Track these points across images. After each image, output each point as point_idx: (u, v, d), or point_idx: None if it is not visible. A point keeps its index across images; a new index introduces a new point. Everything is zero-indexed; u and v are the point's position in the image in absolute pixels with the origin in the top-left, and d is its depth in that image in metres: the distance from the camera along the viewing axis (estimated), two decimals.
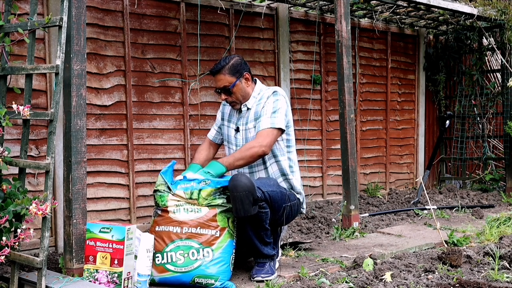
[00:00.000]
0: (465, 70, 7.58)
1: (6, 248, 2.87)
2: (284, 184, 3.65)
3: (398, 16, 6.86)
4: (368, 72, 6.88)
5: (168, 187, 3.42)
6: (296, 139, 6.01)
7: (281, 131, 3.59)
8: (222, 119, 3.84)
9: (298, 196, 3.69)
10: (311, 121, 6.23)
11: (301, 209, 3.78)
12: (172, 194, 3.40)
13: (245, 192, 3.21)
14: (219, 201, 3.34)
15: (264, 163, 3.63)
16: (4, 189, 3.09)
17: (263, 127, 3.51)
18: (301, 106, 6.09)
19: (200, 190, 3.35)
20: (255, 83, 3.74)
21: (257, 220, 3.35)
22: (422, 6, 6.31)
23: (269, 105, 3.57)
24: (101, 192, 4.58)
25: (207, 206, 3.34)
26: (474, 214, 5.66)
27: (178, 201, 3.38)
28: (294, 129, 5.93)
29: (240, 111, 3.71)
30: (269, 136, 3.49)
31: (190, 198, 3.36)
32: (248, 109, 3.67)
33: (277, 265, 3.60)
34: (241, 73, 3.62)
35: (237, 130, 3.69)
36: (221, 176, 3.45)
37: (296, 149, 5.95)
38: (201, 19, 5.16)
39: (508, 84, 6.52)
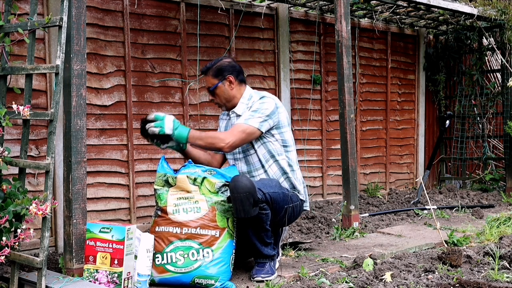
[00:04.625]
0: (465, 70, 7.58)
1: (6, 248, 2.87)
2: (286, 184, 3.64)
3: (398, 16, 6.86)
4: (368, 72, 6.88)
5: (167, 181, 3.43)
6: (296, 139, 6.05)
7: (257, 131, 3.50)
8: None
9: (300, 196, 3.69)
10: (311, 121, 6.23)
11: (304, 207, 3.75)
12: (173, 185, 3.40)
13: (245, 193, 3.20)
14: (220, 199, 3.34)
15: (263, 166, 3.61)
16: (4, 189, 3.09)
17: (238, 122, 3.51)
18: (301, 106, 6.09)
19: (204, 178, 3.37)
20: (245, 87, 3.69)
21: (257, 221, 3.35)
22: (422, 6, 6.31)
23: (253, 107, 3.55)
24: (101, 192, 4.58)
25: (206, 203, 3.34)
26: (474, 214, 5.66)
27: (178, 199, 3.38)
28: (295, 129, 6.02)
29: (230, 118, 3.69)
30: (237, 135, 3.44)
31: (194, 184, 3.37)
32: (237, 115, 3.63)
33: (277, 265, 3.60)
34: (224, 76, 3.59)
35: None
36: (180, 139, 3.40)
37: (296, 149, 6.01)
38: (201, 19, 5.16)
39: (508, 84, 6.52)
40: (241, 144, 3.51)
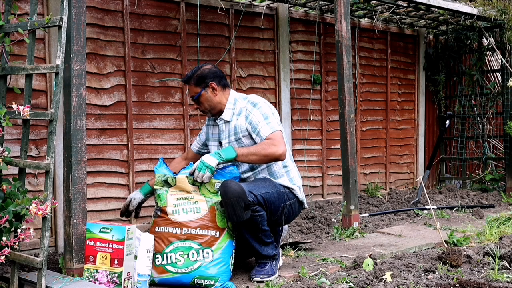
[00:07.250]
0: (465, 70, 7.58)
1: (6, 248, 2.87)
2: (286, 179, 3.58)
3: (398, 16, 6.86)
4: (368, 72, 6.88)
5: (166, 181, 3.43)
6: (296, 139, 6.07)
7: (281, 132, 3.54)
8: (207, 139, 3.77)
9: (296, 192, 3.61)
10: (311, 121, 6.23)
11: (304, 205, 3.70)
12: (173, 186, 3.40)
13: (235, 198, 3.19)
14: (219, 199, 3.33)
15: (254, 168, 3.57)
16: (4, 189, 3.09)
17: (266, 134, 3.42)
18: (301, 106, 6.09)
19: None
20: (229, 91, 3.63)
21: (252, 223, 3.33)
22: (422, 6, 6.31)
23: (256, 116, 3.48)
24: (101, 192, 4.58)
25: (206, 203, 3.34)
26: (474, 214, 5.66)
27: (178, 199, 3.38)
28: (295, 129, 6.02)
29: (217, 125, 3.65)
30: (280, 141, 3.41)
31: (193, 184, 3.37)
32: (226, 122, 3.59)
33: (280, 264, 3.58)
34: (206, 83, 3.55)
35: (220, 144, 3.64)
36: (229, 161, 3.37)
37: (296, 149, 6.03)
38: (201, 19, 5.16)
39: (508, 84, 6.53)
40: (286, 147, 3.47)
